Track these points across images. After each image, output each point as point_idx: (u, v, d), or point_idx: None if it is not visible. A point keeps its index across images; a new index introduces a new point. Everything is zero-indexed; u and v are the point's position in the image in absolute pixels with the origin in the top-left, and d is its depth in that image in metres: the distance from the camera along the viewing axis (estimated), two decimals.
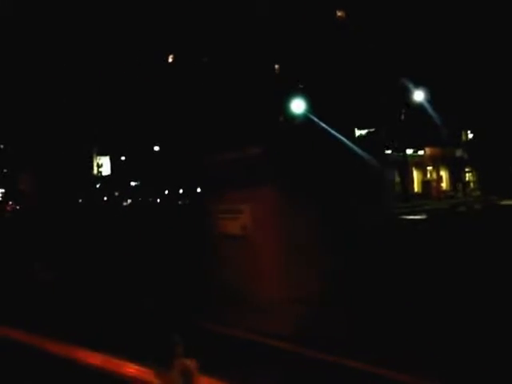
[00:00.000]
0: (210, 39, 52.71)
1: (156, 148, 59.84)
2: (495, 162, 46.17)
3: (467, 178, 48.55)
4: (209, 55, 53.33)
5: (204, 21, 53.13)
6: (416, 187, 44.82)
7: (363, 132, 41.94)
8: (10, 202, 77.54)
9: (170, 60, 61.71)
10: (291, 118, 38.47)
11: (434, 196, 41.89)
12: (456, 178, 47.63)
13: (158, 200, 71.36)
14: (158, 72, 58.55)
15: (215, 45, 52.17)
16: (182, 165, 55.71)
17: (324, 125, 41.23)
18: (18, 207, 69.39)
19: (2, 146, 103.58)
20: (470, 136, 48.10)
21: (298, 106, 37.50)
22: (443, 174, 48.04)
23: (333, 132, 41.48)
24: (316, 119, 40.49)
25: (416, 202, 37.03)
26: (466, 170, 48.30)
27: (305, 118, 40.03)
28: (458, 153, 47.13)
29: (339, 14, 48.50)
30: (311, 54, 42.39)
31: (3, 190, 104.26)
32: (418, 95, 36.81)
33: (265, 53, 48.41)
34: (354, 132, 42.14)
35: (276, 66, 51.59)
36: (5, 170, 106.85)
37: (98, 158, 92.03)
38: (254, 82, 47.50)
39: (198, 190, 63.70)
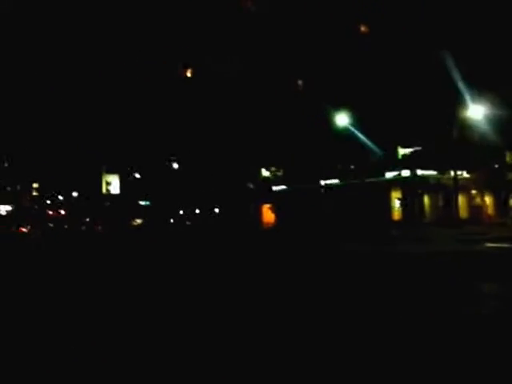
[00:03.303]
0: (231, 53, 50.12)
1: (175, 166, 56.60)
2: None
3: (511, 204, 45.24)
4: (232, 69, 50.55)
5: (226, 34, 50.65)
6: (461, 212, 41.42)
7: (407, 151, 38.82)
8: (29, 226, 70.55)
9: (188, 74, 59.05)
10: (336, 130, 35.43)
11: (484, 222, 38.46)
12: (503, 203, 44.24)
13: (172, 220, 67.97)
14: (176, 86, 55.76)
15: (238, 59, 49.50)
16: (202, 183, 52.47)
17: (366, 139, 38.21)
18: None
19: (5, 164, 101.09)
20: None
21: (341, 119, 34.45)
22: (487, 198, 44.70)
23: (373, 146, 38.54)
24: (358, 133, 37.50)
25: (470, 228, 33.37)
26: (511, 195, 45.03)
27: (348, 131, 37.04)
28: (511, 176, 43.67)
29: (363, 28, 46.14)
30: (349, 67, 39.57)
31: (9, 208, 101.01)
32: (476, 111, 33.41)
33: (294, 68, 45.84)
34: (397, 150, 39.04)
35: (299, 82, 48.98)
36: (8, 188, 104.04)
37: (107, 176, 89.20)
38: (283, 96, 44.69)
39: (216, 210, 60.48)
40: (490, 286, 10.12)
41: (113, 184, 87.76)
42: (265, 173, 48.68)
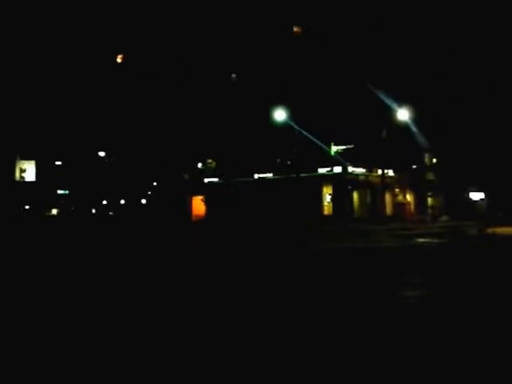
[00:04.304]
0: (164, 41, 49.03)
1: (101, 154, 54.38)
2: (456, 186, 46.24)
3: (429, 202, 48.25)
4: (165, 59, 49.36)
5: (158, 21, 49.44)
6: (386, 209, 43.56)
7: (340, 148, 40.06)
8: None
9: (119, 60, 56.96)
10: (273, 124, 35.79)
11: (407, 219, 40.67)
12: (422, 201, 47.10)
13: (94, 210, 65.40)
14: (106, 72, 53.60)
15: (170, 48, 48.53)
16: (130, 173, 50.94)
17: (305, 133, 38.94)
18: None
19: None
20: (434, 160, 48.04)
21: (279, 114, 34.88)
22: (408, 196, 47.35)
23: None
24: (297, 127, 38.13)
25: (394, 224, 35.17)
26: (429, 193, 48.01)
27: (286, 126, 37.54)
28: (430, 176, 46.53)
29: (296, 29, 47.03)
30: (291, 65, 40.16)
31: None
32: (402, 114, 35.30)
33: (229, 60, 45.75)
34: (330, 146, 40.19)
35: (233, 75, 48.99)
36: None
37: (22, 162, 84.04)
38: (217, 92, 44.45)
39: (143, 201, 58.97)
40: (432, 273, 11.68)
41: (28, 171, 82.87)
42: (198, 165, 48.20)
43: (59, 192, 75.34)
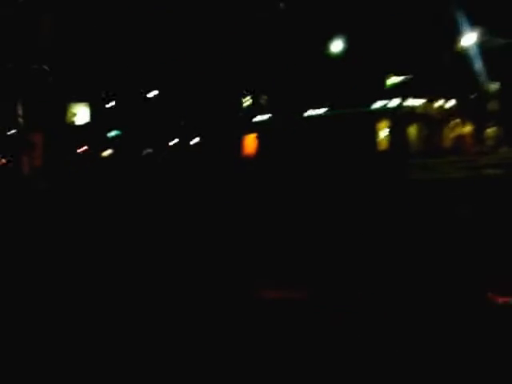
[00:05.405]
0: None
1: (152, 94, 54.61)
2: None
3: (489, 133, 46.48)
4: None
5: None
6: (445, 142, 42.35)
7: (396, 79, 38.67)
8: None
9: None
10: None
11: (467, 151, 39.55)
12: (481, 132, 45.46)
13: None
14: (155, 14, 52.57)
15: None
16: (180, 112, 51.19)
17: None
18: None
19: None
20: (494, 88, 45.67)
21: (335, 45, 33.79)
22: (467, 127, 45.70)
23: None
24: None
25: (455, 157, 34.21)
26: (489, 124, 46.17)
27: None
28: (490, 106, 44.61)
29: None
30: None
31: None
32: (467, 39, 33.38)
33: None
34: (385, 79, 38.78)
35: (281, 4, 47.13)
36: None
37: (74, 105, 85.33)
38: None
39: (194, 141, 59.43)
40: None
41: (80, 114, 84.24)
42: (248, 102, 47.78)
43: (112, 134, 76.73)
